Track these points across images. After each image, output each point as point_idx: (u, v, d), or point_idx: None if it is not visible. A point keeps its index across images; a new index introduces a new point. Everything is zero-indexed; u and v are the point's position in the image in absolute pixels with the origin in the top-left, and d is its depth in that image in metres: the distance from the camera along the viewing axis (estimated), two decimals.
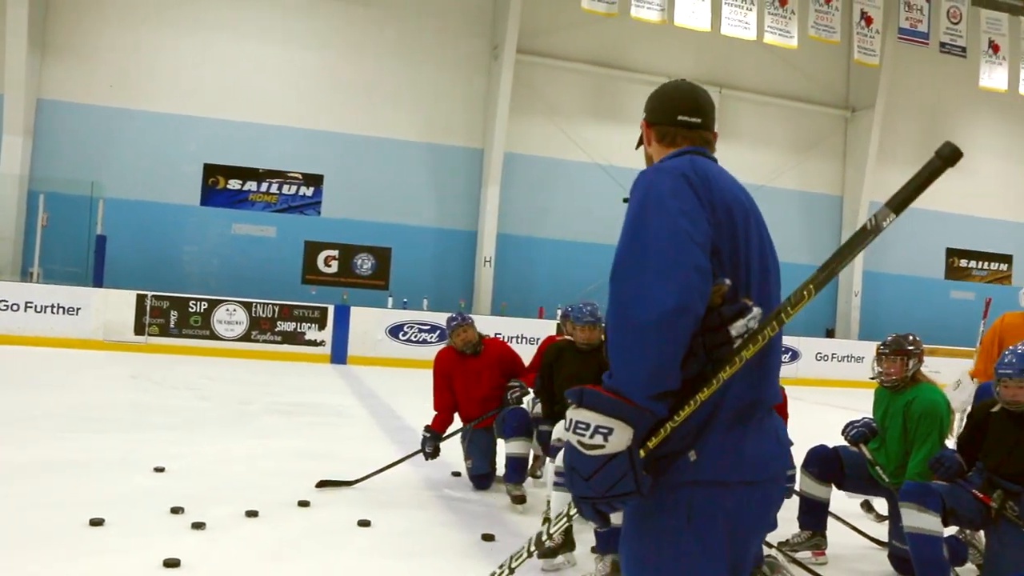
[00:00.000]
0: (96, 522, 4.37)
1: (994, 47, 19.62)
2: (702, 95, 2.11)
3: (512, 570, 2.00)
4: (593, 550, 4.29)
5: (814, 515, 4.85)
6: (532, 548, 2.01)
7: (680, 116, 2.06)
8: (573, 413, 1.66)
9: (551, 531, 1.95)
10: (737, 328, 1.73)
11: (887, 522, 4.94)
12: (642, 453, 1.68)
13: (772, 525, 1.92)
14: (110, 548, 4.07)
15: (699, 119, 2.06)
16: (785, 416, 5.29)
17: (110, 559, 3.93)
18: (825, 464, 4.83)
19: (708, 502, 1.75)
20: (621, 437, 1.62)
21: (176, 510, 4.70)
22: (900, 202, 1.74)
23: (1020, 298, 6.69)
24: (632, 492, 1.64)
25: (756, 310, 1.77)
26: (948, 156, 1.72)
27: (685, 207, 1.73)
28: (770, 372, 1.89)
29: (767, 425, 1.86)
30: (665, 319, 1.62)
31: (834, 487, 4.92)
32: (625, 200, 1.96)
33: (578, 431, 1.64)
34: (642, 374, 1.63)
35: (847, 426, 4.99)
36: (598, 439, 1.62)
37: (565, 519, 1.89)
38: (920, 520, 4.03)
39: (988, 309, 9.78)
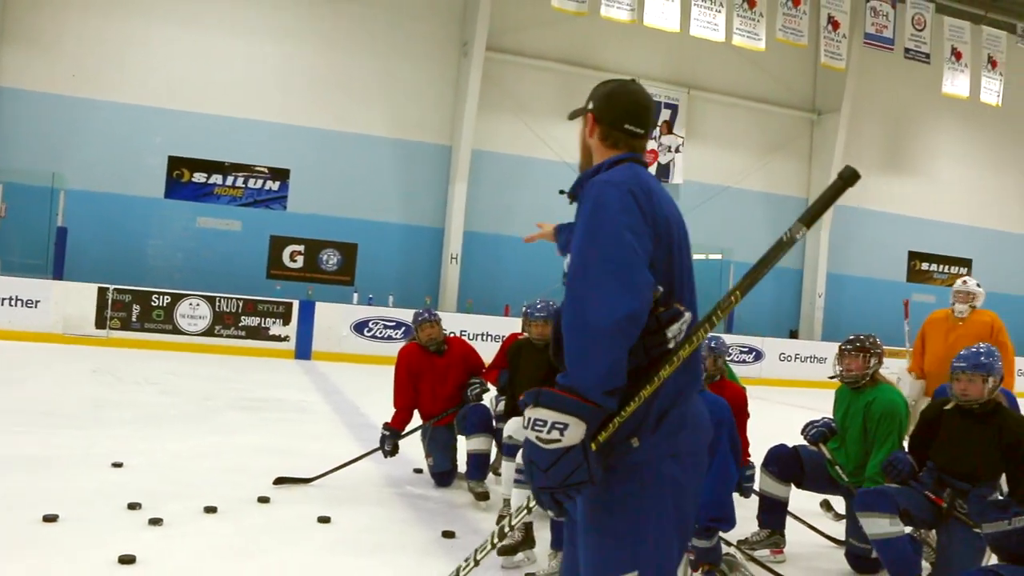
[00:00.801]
0: (50, 518, 4.32)
1: (957, 55, 19.89)
2: (649, 104, 2.29)
3: (477, 562, 2.17)
4: (552, 546, 4.30)
5: (773, 514, 4.90)
6: (495, 540, 2.17)
7: (627, 125, 2.23)
8: (531, 412, 1.85)
9: (513, 523, 2.13)
10: (672, 331, 1.97)
11: (844, 521, 5.00)
12: (593, 446, 1.87)
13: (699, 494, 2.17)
14: (64, 545, 4.02)
15: (643, 130, 2.25)
16: (745, 415, 5.34)
17: (63, 556, 3.88)
18: (784, 464, 4.88)
19: (657, 474, 1.99)
20: (575, 432, 1.81)
21: (133, 506, 4.65)
22: (810, 217, 1.92)
23: (951, 296, 6.91)
24: (586, 481, 1.83)
25: (688, 315, 2.01)
26: (848, 177, 1.91)
27: (632, 222, 1.94)
28: (696, 363, 2.12)
29: (697, 406, 2.11)
30: (619, 324, 1.83)
31: (793, 486, 4.97)
32: (562, 192, 2.30)
33: (536, 427, 1.83)
34: (599, 373, 1.83)
35: (807, 426, 5.04)
36: (555, 434, 1.81)
37: (525, 511, 2.08)
38: (880, 526, 4.11)
39: (908, 310, 10.08)
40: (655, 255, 1.98)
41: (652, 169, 19.05)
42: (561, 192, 2.34)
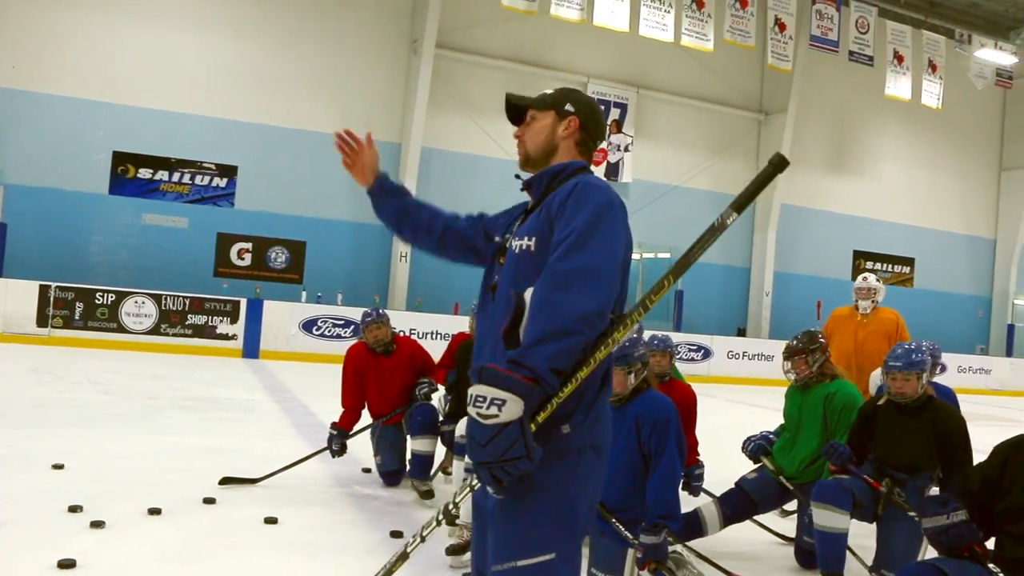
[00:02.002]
0: None
1: (899, 58, 20.31)
2: None
3: (423, 538, 2.24)
4: None
5: (687, 530, 4.81)
6: (440, 517, 2.24)
7: (599, 141, 2.46)
8: (473, 389, 1.92)
9: (457, 500, 2.19)
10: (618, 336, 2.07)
11: (794, 517, 5.06)
12: (532, 427, 1.93)
13: None
14: (1, 549, 3.93)
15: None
16: (694, 414, 5.37)
17: (1, 561, 3.79)
18: (737, 507, 4.83)
19: (582, 462, 2.10)
20: (513, 408, 1.87)
21: (74, 508, 4.55)
22: (740, 203, 2.07)
23: (852, 293, 7.08)
24: (522, 457, 1.89)
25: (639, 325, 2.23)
26: (777, 163, 2.06)
27: (625, 237, 2.12)
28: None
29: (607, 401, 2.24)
30: (590, 319, 1.96)
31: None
32: (517, 176, 2.40)
33: (476, 404, 1.89)
34: (553, 351, 1.92)
35: (745, 443, 5.16)
36: (493, 410, 1.87)
37: (468, 490, 2.15)
38: (831, 519, 4.19)
39: (820, 311, 10.33)
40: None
41: (601, 169, 19.21)
42: (517, 177, 2.41)
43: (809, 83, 21.28)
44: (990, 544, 3.01)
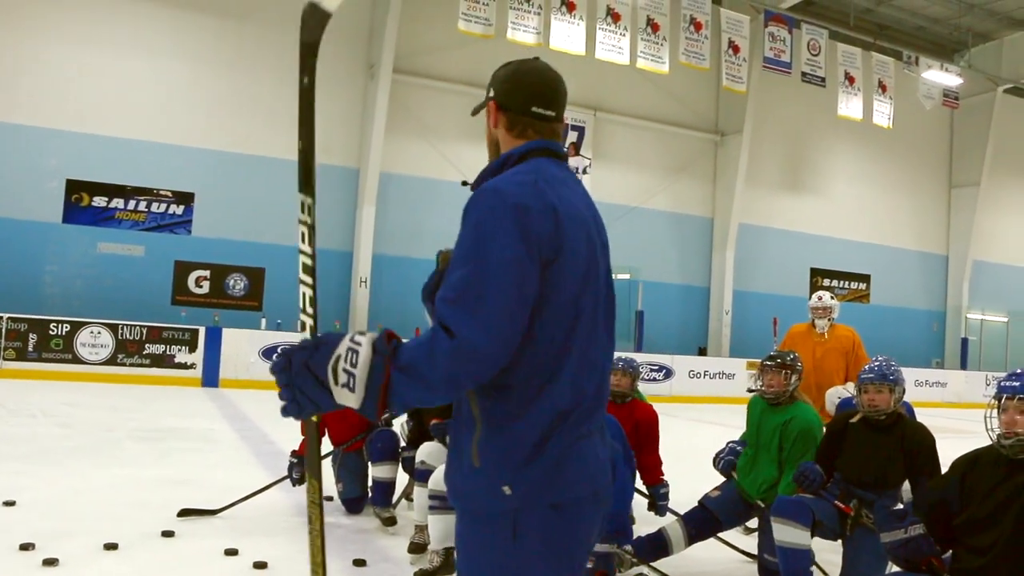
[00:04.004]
0: None
1: (850, 79, 20.68)
2: (558, 84, 2.02)
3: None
4: None
5: (653, 550, 4.72)
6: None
7: (535, 107, 1.96)
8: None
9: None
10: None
11: (756, 535, 5.06)
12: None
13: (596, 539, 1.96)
14: None
15: (553, 112, 1.98)
16: (656, 434, 5.39)
17: None
18: (701, 526, 4.83)
19: (528, 527, 1.76)
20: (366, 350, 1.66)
21: (26, 546, 4.43)
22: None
23: (808, 312, 7.14)
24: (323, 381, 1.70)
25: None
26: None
27: (519, 252, 1.69)
28: (593, 393, 1.89)
29: (589, 445, 1.85)
30: (456, 381, 1.65)
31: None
32: (464, 183, 2.02)
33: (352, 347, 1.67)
34: (433, 397, 1.69)
35: (715, 458, 5.15)
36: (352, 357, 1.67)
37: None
38: (791, 535, 4.18)
39: (776, 328, 10.38)
40: (554, 274, 1.75)
41: None
42: (464, 184, 2.08)
43: (764, 104, 21.59)
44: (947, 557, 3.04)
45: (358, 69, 17.98)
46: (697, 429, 12.58)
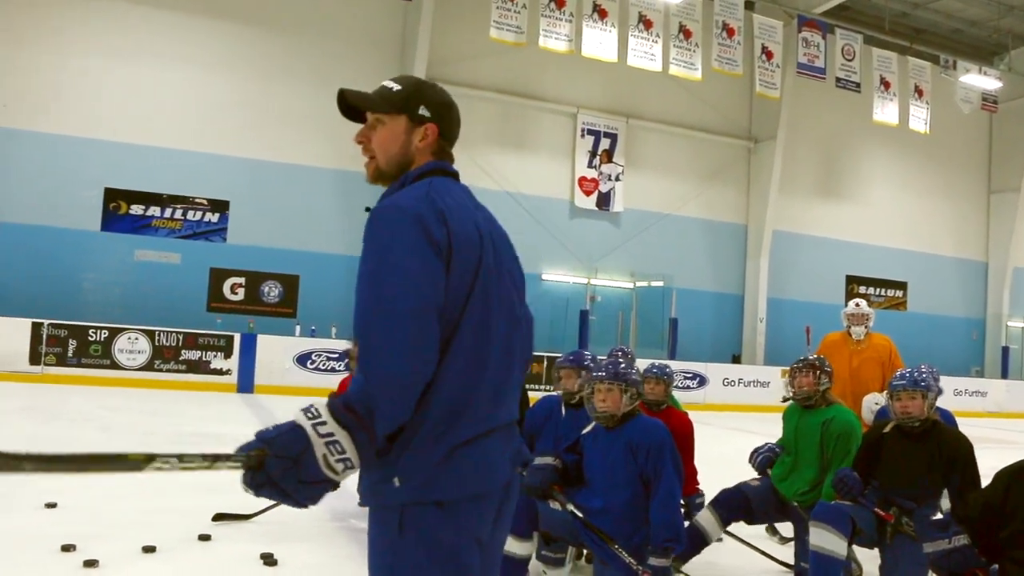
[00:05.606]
0: None
1: (885, 84, 20.47)
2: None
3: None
4: None
5: (690, 546, 4.77)
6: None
7: (453, 142, 2.17)
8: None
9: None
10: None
11: (792, 544, 5.01)
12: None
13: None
14: None
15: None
16: (692, 443, 5.33)
17: None
18: (733, 507, 4.80)
19: (415, 524, 1.82)
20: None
21: (67, 548, 4.50)
22: None
23: (842, 318, 7.01)
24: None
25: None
26: None
27: (422, 274, 1.78)
28: (503, 390, 1.96)
29: (490, 443, 1.90)
30: (398, 390, 1.72)
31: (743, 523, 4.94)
32: (367, 209, 2.06)
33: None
34: (385, 416, 1.72)
35: (752, 453, 5.08)
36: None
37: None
38: (828, 541, 4.12)
39: (809, 336, 10.22)
40: (450, 286, 1.84)
41: (592, 199, 19.22)
42: (367, 210, 2.12)
43: (797, 110, 21.43)
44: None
45: (391, 77, 18.04)
46: (732, 438, 12.49)
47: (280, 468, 1.69)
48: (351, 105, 2.16)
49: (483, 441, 1.87)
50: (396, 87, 2.15)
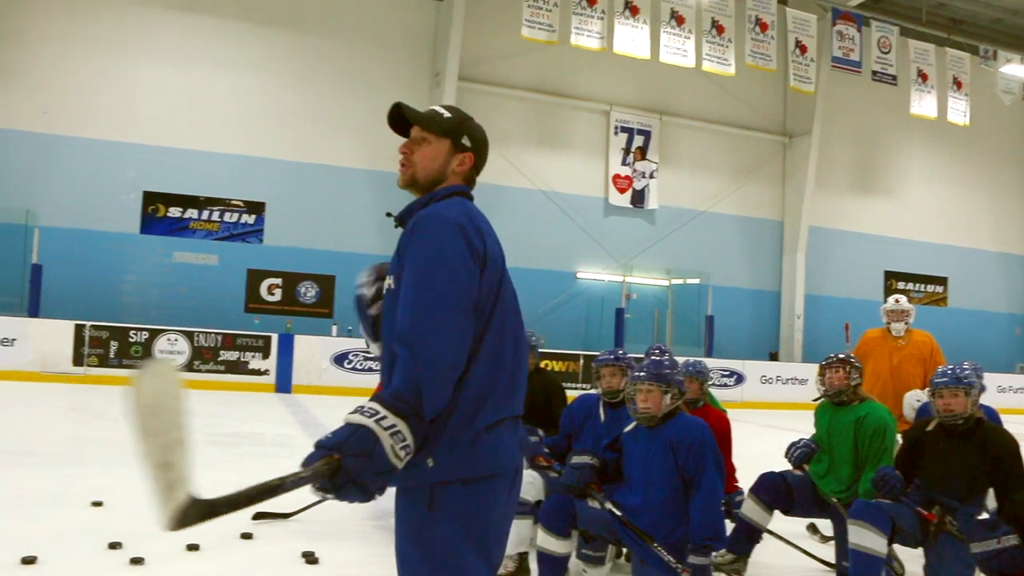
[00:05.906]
0: (28, 560, 4.23)
1: (923, 76, 20.19)
2: None
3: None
4: None
5: (745, 541, 4.81)
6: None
7: (480, 172, 2.41)
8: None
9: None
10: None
11: (833, 543, 4.97)
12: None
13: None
14: None
15: None
16: (729, 441, 5.30)
17: None
18: (775, 492, 4.80)
19: (446, 499, 2.02)
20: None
21: (114, 545, 4.58)
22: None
23: (881, 314, 6.87)
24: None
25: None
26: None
27: (466, 274, 2.01)
28: (512, 386, 2.16)
29: (501, 433, 2.11)
30: (445, 373, 1.93)
31: (780, 513, 4.93)
32: (389, 215, 2.33)
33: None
34: (435, 403, 1.93)
35: (789, 448, 5.03)
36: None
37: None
38: (868, 539, 4.07)
39: (848, 334, 10.05)
40: (481, 292, 2.06)
41: (626, 196, 19.18)
42: (388, 215, 2.39)
43: (833, 104, 21.21)
44: None
45: (423, 77, 18.15)
46: (770, 436, 12.40)
47: (358, 466, 1.87)
48: (400, 118, 2.36)
49: (498, 427, 2.09)
50: (447, 114, 2.33)
